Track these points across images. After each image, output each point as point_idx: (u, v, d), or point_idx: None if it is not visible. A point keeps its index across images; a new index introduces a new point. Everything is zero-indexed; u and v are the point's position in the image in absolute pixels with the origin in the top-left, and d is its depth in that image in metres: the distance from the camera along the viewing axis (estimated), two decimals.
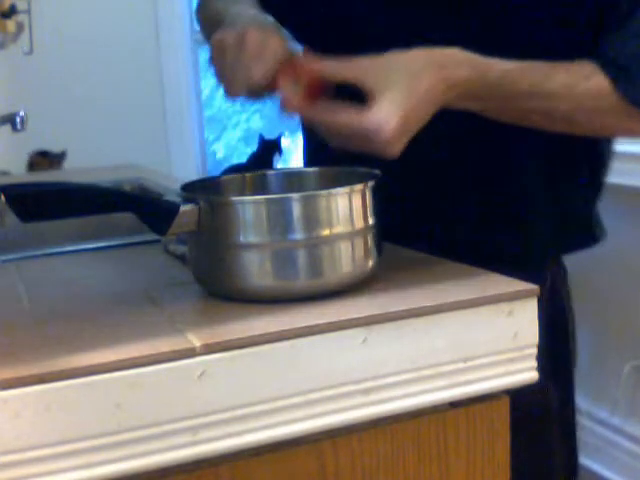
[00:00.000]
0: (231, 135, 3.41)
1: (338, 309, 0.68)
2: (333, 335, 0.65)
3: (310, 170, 0.88)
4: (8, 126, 1.50)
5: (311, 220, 0.70)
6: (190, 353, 0.61)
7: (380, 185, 0.75)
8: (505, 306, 0.71)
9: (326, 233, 0.71)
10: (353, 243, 0.73)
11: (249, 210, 0.71)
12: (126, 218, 0.74)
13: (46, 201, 0.71)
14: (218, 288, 0.74)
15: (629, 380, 2.09)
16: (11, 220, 0.75)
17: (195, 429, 0.61)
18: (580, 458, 1.09)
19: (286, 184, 0.86)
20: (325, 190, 0.72)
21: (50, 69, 2.65)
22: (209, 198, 0.72)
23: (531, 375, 0.73)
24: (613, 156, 1.00)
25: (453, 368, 0.69)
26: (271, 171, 0.90)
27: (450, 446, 0.72)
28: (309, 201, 0.71)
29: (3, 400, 0.56)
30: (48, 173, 2.32)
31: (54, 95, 2.65)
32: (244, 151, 3.27)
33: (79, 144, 2.58)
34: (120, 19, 2.77)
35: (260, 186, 0.86)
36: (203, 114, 3.04)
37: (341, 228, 0.72)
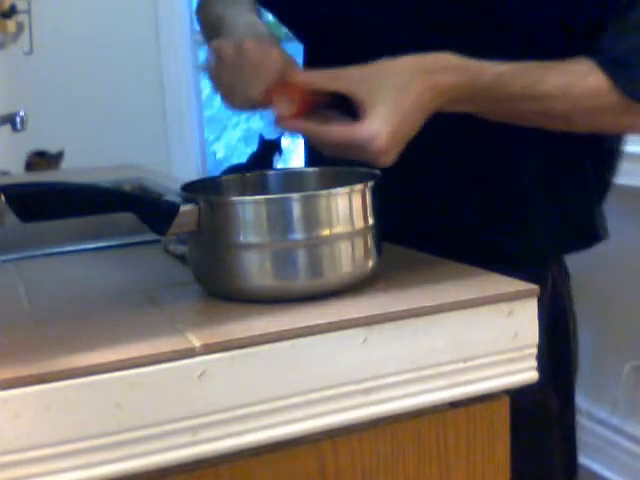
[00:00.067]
0: (231, 135, 3.40)
1: (338, 309, 0.68)
2: (333, 335, 0.65)
3: (310, 170, 0.88)
4: (8, 126, 1.50)
5: (311, 220, 0.70)
6: (190, 353, 0.61)
7: (380, 185, 0.75)
8: (505, 306, 0.71)
9: (326, 233, 0.71)
10: (353, 243, 0.73)
11: (249, 210, 0.70)
12: (126, 218, 0.74)
13: (46, 201, 0.71)
14: (218, 288, 0.74)
15: (629, 380, 2.09)
16: (11, 220, 0.75)
17: (195, 429, 0.61)
18: (580, 458, 1.09)
19: (286, 184, 0.86)
20: (325, 190, 0.72)
21: (50, 69, 2.65)
22: (209, 198, 0.72)
23: (531, 375, 0.73)
24: (621, 156, 1.00)
25: (453, 368, 0.69)
26: (271, 171, 0.90)
27: (450, 446, 0.72)
28: (309, 201, 0.71)
29: (3, 400, 0.56)
30: (48, 173, 2.32)
31: (54, 95, 2.65)
32: (244, 151, 3.27)
33: (79, 144, 2.58)
34: (120, 19, 2.77)
35: (260, 186, 0.86)
36: (203, 114, 3.04)
37: (341, 228, 0.71)
